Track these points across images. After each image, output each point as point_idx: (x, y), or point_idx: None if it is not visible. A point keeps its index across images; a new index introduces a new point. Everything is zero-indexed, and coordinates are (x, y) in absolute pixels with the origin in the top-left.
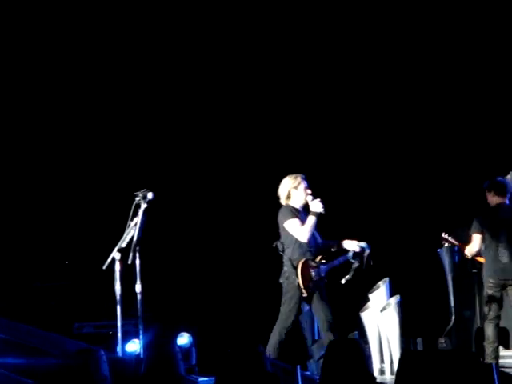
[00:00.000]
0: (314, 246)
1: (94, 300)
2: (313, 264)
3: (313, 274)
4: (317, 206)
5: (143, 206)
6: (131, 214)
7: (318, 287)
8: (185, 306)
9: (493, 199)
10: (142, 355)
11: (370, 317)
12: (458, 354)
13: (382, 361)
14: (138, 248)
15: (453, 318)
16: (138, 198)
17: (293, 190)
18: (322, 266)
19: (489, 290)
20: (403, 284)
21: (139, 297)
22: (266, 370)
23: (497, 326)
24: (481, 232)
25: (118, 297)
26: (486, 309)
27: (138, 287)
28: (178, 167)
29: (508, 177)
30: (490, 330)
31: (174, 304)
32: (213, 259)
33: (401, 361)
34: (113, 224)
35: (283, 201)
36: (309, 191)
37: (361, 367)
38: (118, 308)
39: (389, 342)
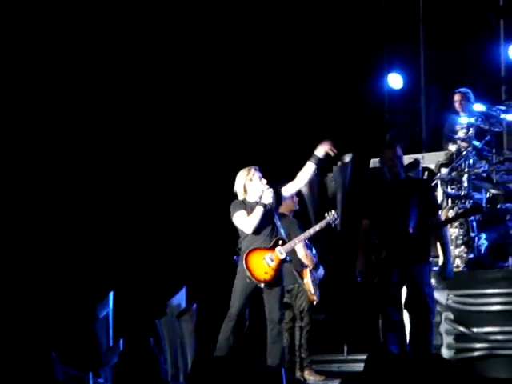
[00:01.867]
0: (267, 236)
1: None
2: (264, 251)
3: (266, 260)
4: (267, 196)
5: None
6: None
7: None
8: None
9: None
10: None
11: (167, 323)
12: (245, 360)
13: (176, 367)
14: None
15: (247, 324)
16: None
17: (248, 183)
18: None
19: None
20: (200, 291)
21: None
22: (56, 378)
23: None
24: None
25: None
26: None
27: None
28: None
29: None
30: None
31: None
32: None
33: (193, 366)
34: None
35: (241, 196)
36: (264, 181)
37: (153, 374)
38: None
39: (184, 349)
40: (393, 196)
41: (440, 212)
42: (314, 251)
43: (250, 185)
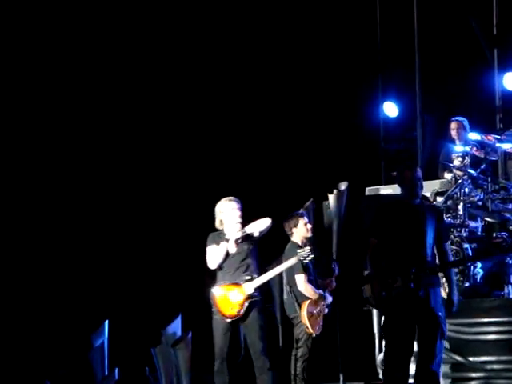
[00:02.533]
0: (237, 271)
1: None
2: (231, 286)
3: (231, 295)
4: (234, 231)
5: None
6: None
7: (248, 308)
8: None
9: None
10: None
11: (162, 352)
12: None
13: None
14: None
15: (242, 353)
16: None
17: (221, 215)
18: (246, 284)
19: None
20: (194, 319)
21: None
22: None
23: None
24: None
25: None
26: None
27: None
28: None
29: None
30: None
31: None
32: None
33: None
34: None
35: (219, 227)
36: (237, 214)
37: None
38: None
39: (179, 377)
40: (409, 217)
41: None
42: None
43: (224, 217)
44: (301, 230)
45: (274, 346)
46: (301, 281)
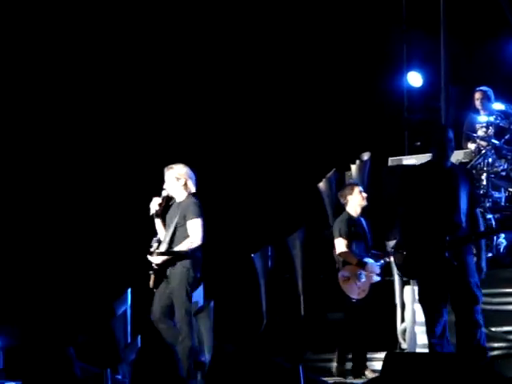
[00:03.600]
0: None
1: None
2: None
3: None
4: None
5: None
6: None
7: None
8: None
9: None
10: None
11: None
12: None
13: (193, 364)
14: None
15: (264, 322)
16: None
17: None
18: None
19: None
20: (217, 288)
21: None
22: (75, 375)
23: None
24: None
25: None
26: None
27: None
28: None
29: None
30: None
31: None
32: (18, 255)
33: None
34: None
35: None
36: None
37: (171, 370)
38: None
39: (201, 347)
40: (441, 181)
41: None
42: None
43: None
44: (356, 198)
45: (296, 316)
46: (337, 244)
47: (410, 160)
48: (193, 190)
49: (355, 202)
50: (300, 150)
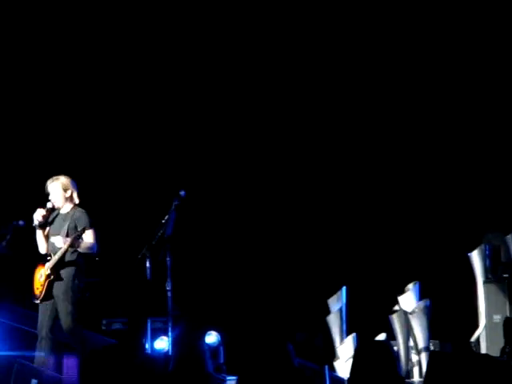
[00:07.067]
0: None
1: (124, 297)
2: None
3: (39, 276)
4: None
5: (174, 203)
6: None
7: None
8: (213, 305)
9: None
10: (170, 352)
11: (399, 319)
12: (488, 358)
13: (409, 363)
14: (168, 245)
15: (482, 323)
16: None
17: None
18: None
19: None
20: (433, 287)
21: (169, 294)
22: (295, 367)
23: None
24: None
25: (147, 294)
26: None
27: (168, 284)
28: (211, 166)
29: None
30: None
31: (203, 302)
32: (242, 258)
33: (430, 363)
34: (144, 221)
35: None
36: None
37: (390, 369)
38: (147, 305)
39: (417, 345)
40: None
41: None
42: None
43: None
44: None
45: None
46: None
47: None
48: (77, 201)
49: None
50: None
